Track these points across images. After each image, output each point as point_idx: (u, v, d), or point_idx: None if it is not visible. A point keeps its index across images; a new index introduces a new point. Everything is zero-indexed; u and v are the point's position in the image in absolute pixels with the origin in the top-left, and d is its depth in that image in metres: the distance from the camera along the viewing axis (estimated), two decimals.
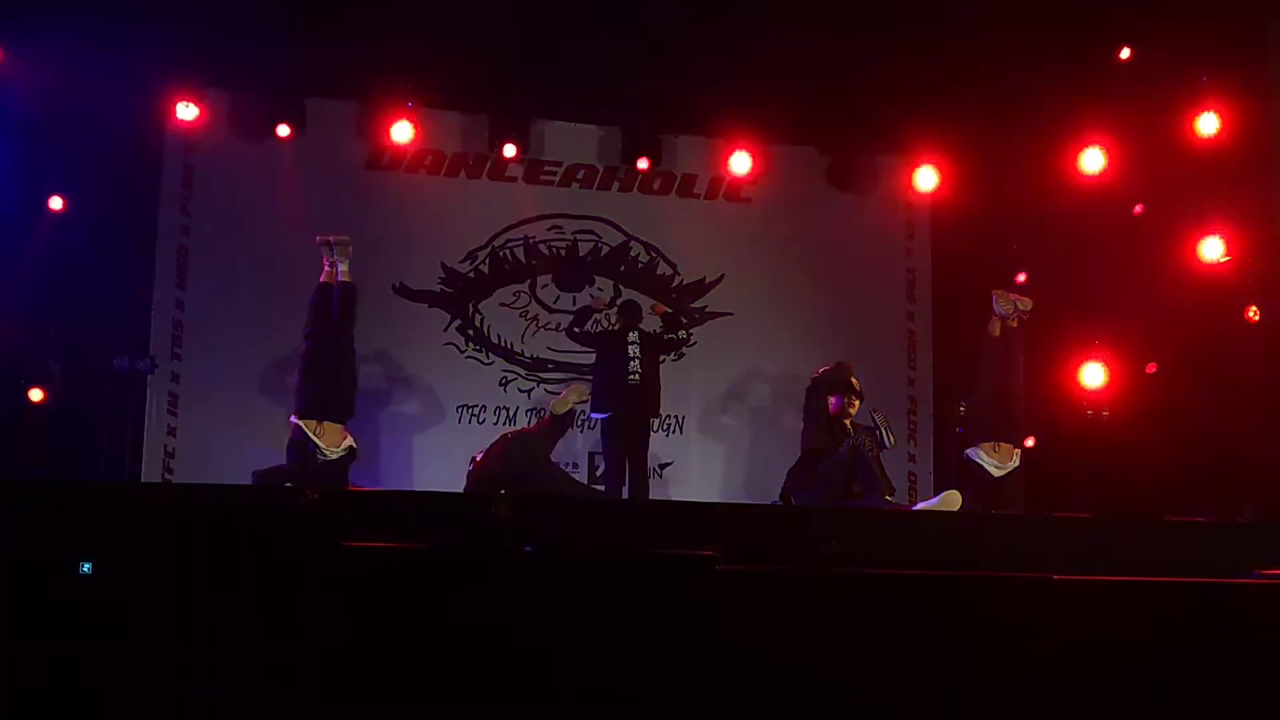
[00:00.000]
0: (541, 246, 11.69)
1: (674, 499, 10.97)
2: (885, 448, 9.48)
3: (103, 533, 5.28)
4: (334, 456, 9.43)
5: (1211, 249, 10.11)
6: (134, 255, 10.77)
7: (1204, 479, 10.58)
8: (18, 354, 10.15)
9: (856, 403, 9.66)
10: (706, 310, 11.88)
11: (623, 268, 11.83)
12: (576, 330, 10.80)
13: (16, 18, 9.65)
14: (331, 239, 9.80)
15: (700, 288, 11.90)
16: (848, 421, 9.59)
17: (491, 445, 9.75)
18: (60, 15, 9.94)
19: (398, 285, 11.33)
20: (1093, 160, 10.58)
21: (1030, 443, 10.29)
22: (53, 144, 10.32)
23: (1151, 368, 10.88)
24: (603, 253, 11.80)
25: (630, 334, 10.32)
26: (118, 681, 5.08)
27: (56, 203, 10.31)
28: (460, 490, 9.50)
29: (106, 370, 10.52)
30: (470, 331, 11.44)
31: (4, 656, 4.98)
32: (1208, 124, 9.94)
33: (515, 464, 9.43)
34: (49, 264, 10.26)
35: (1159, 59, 9.92)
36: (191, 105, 10.63)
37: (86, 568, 5.21)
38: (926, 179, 11.80)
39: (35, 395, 10.17)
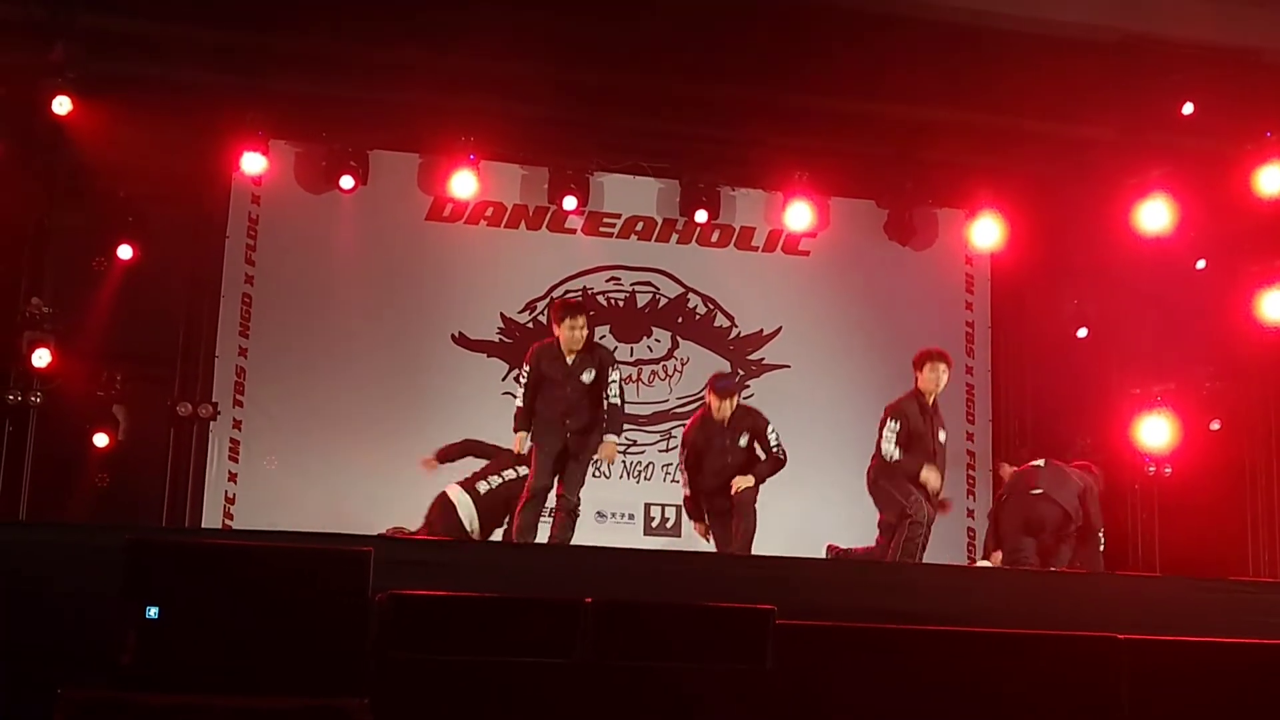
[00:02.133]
0: (600, 298, 11.74)
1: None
2: None
3: (169, 578, 5.32)
4: None
5: (1276, 307, 10.00)
6: (199, 303, 10.92)
7: (1268, 538, 10.44)
8: (84, 399, 10.29)
9: None
10: (764, 362, 11.89)
11: (680, 319, 11.85)
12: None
13: (87, 69, 9.85)
14: None
15: (758, 339, 11.91)
16: None
17: None
18: (130, 67, 10.16)
19: (457, 335, 11.41)
20: (1156, 215, 10.49)
21: None
22: (122, 193, 10.51)
23: (1214, 425, 10.77)
24: (660, 304, 11.84)
25: None
26: None
27: (125, 251, 10.48)
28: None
29: (170, 416, 10.66)
30: None
31: (71, 702, 5.01)
32: (1273, 179, 9.85)
33: None
34: (116, 311, 10.44)
35: (1223, 114, 9.87)
36: (257, 156, 10.77)
37: (153, 613, 5.26)
38: (986, 234, 11.75)
39: (100, 440, 10.32)
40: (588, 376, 8.60)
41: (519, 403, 8.65)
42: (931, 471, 8.70)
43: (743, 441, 9.10)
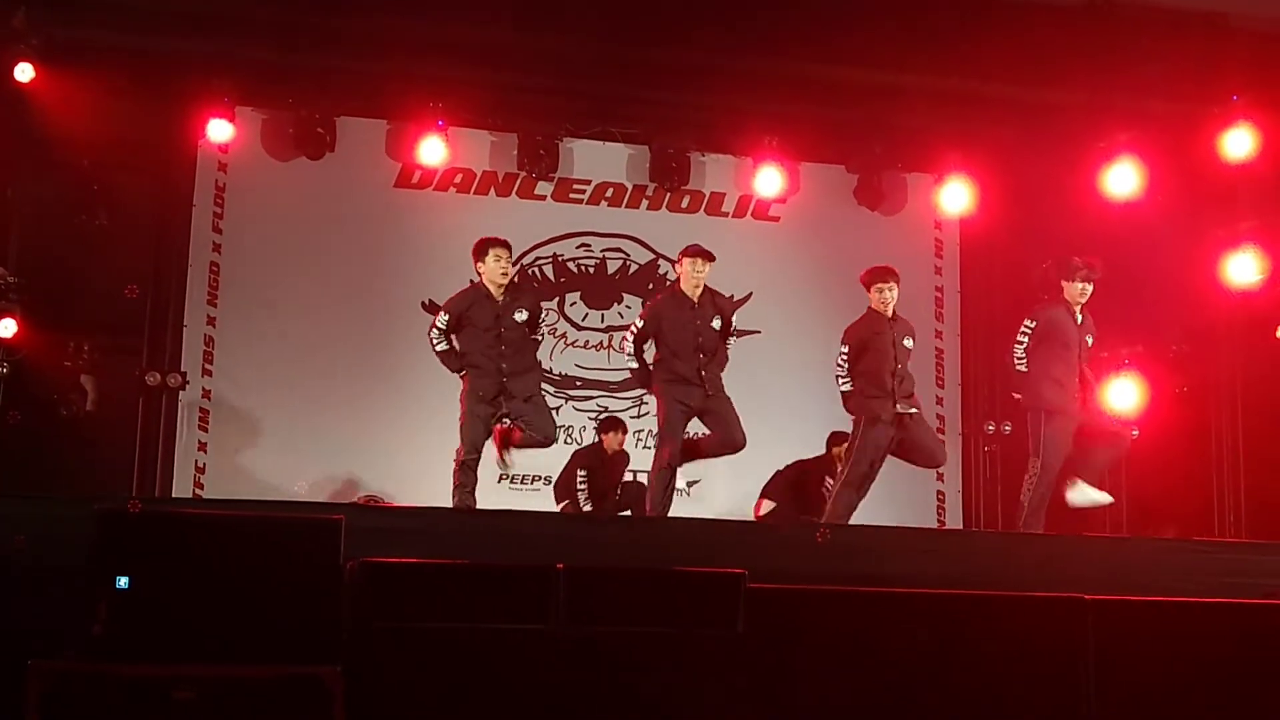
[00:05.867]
0: (570, 264, 11.73)
1: (702, 516, 10.95)
2: None
3: (139, 548, 5.31)
4: None
5: (1242, 270, 10.06)
6: (166, 272, 10.85)
7: (1233, 500, 10.54)
8: (51, 370, 10.23)
9: None
10: (734, 328, 11.86)
11: (651, 285, 11.84)
12: None
13: (50, 36, 9.76)
14: None
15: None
16: None
17: None
18: (94, 34, 10.06)
19: (426, 302, 11.36)
20: (1124, 179, 10.53)
21: None
22: (87, 161, 10.42)
23: (1181, 388, 10.84)
24: (631, 270, 11.84)
25: None
26: (150, 698, 5.10)
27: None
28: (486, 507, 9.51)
29: (138, 386, 10.61)
30: None
31: (43, 673, 5.01)
32: (1239, 143, 9.90)
33: None
34: (83, 280, 10.38)
35: (1189, 78, 9.90)
36: (224, 124, 10.69)
37: (123, 583, 5.24)
38: (955, 198, 11.78)
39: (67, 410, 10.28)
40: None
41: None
42: None
43: (715, 324, 8.92)
